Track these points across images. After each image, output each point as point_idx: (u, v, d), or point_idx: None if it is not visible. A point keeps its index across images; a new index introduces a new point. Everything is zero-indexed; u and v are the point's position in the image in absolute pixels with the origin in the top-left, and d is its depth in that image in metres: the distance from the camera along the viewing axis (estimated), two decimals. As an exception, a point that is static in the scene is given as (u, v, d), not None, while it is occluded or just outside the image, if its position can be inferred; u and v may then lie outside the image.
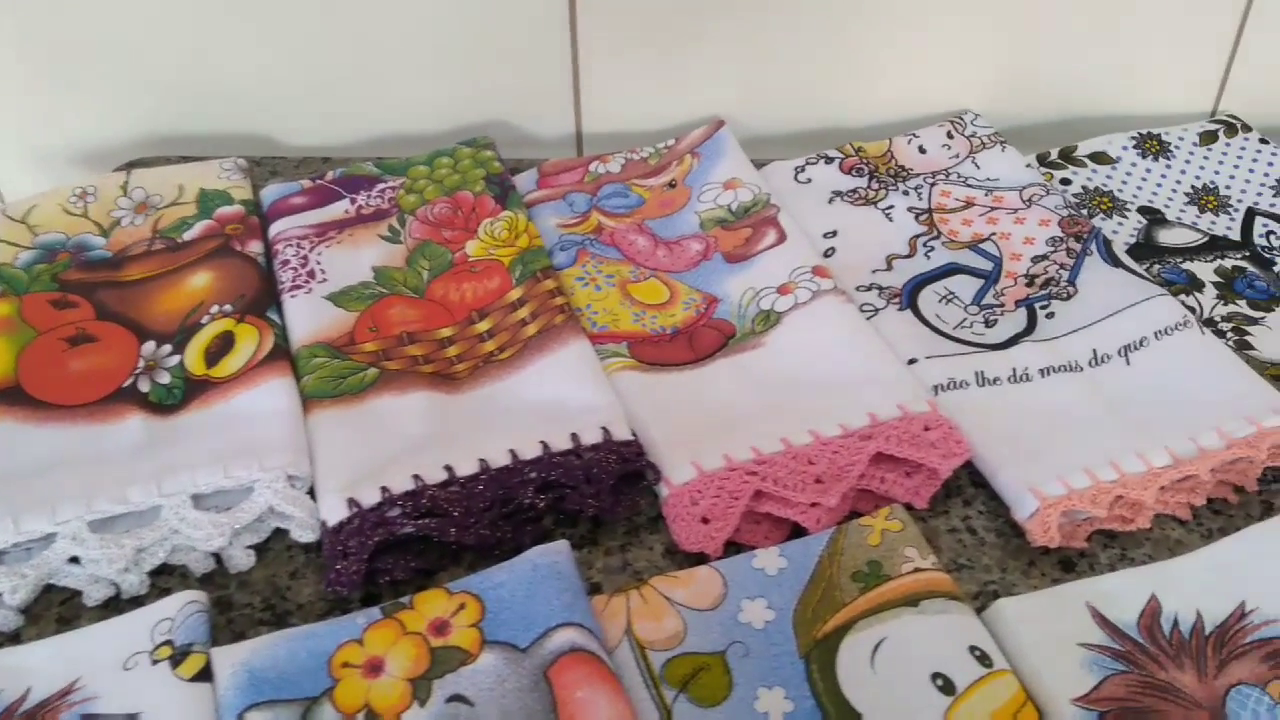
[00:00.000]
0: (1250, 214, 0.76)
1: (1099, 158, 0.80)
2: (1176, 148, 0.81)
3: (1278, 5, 0.80)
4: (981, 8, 0.82)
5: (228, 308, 0.68)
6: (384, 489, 0.56)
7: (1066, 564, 0.57)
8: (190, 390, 0.64)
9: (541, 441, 0.59)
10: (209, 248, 0.73)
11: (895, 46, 0.84)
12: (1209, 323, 0.68)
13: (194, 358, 0.66)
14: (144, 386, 0.64)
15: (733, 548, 0.57)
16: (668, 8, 0.81)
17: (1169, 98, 0.85)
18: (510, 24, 0.81)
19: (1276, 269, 0.72)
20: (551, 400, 0.62)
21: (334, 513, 0.56)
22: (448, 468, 0.58)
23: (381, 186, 0.79)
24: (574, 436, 0.59)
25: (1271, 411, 0.60)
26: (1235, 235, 0.75)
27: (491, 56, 0.83)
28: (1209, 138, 0.82)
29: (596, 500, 0.57)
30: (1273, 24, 0.81)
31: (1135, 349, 0.65)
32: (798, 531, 0.58)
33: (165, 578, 0.56)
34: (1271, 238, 0.74)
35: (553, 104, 0.85)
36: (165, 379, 0.65)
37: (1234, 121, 0.83)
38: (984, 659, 0.50)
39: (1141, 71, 0.84)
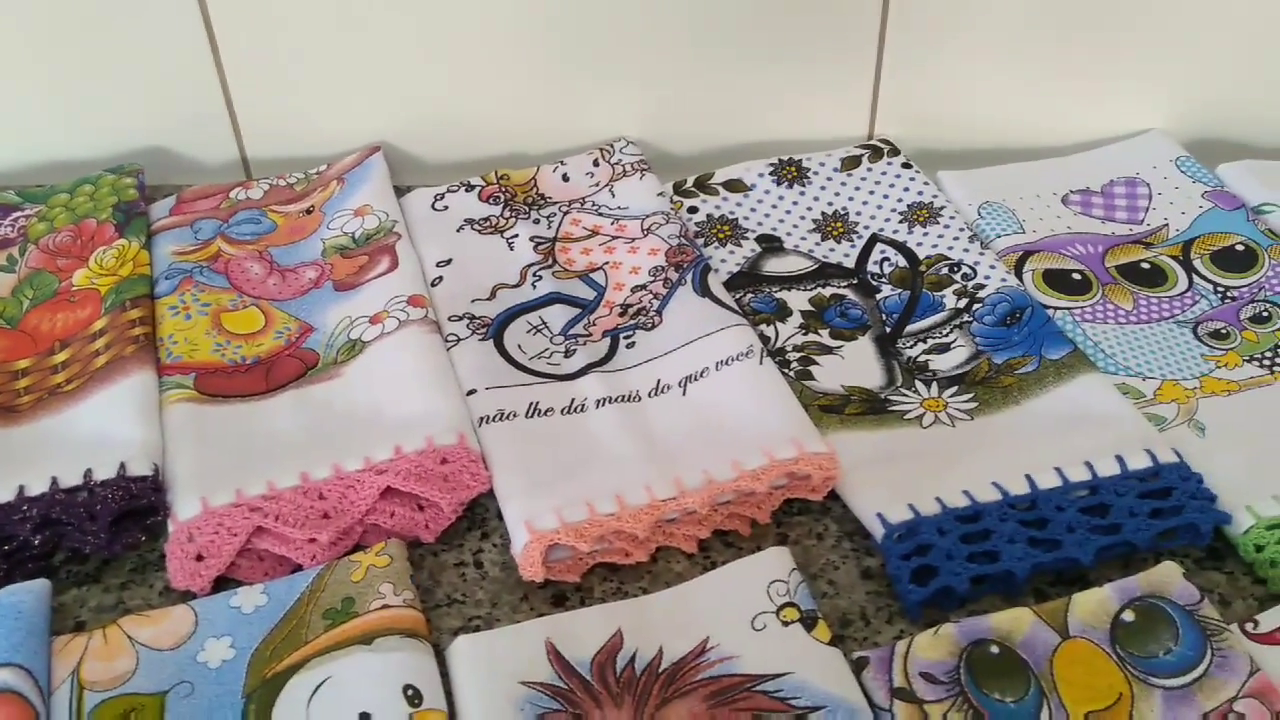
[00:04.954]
0: (872, 240, 0.76)
1: (733, 185, 0.80)
2: (815, 173, 0.81)
3: (915, 24, 0.80)
4: (642, 33, 0.81)
5: None
6: (-126, 527, 0.56)
7: (559, 598, 0.57)
8: None
9: (53, 477, 0.59)
10: None
11: (565, 66, 0.83)
12: (778, 353, 0.68)
13: None
14: None
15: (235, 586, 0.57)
16: (317, 30, 0.81)
17: (830, 122, 0.85)
18: (152, 51, 0.80)
19: (879, 296, 0.72)
20: (93, 434, 0.62)
21: None
22: (-54, 504, 0.57)
23: (16, 215, 0.78)
24: (87, 472, 0.59)
25: (788, 443, 0.60)
26: (850, 263, 0.75)
27: (142, 81, 0.82)
28: (851, 163, 0.82)
29: (94, 538, 0.57)
30: (911, 46, 0.81)
31: (695, 380, 0.65)
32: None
33: None
34: (885, 264, 0.75)
35: (210, 130, 0.84)
36: None
37: (882, 146, 0.83)
38: (415, 698, 0.50)
39: (796, 96, 0.84)
